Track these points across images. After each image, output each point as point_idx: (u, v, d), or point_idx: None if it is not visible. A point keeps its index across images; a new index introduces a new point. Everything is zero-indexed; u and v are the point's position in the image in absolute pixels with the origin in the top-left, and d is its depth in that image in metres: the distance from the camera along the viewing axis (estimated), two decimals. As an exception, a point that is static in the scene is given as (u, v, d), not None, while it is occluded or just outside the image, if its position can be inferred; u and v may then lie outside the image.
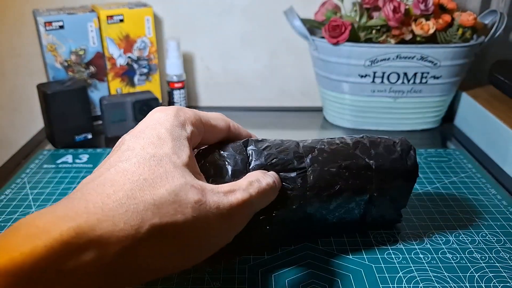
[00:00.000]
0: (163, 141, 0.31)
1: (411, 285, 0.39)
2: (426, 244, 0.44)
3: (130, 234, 0.26)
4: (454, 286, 0.39)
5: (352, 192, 0.41)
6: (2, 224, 0.47)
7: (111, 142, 0.67)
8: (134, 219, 0.26)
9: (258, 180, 0.34)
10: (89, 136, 0.67)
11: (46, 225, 0.24)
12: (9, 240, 0.23)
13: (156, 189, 0.28)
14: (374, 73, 0.67)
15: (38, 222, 0.24)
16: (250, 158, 0.38)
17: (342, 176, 0.40)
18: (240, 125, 0.40)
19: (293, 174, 0.38)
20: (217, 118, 0.37)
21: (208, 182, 0.33)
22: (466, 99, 0.72)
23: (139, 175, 0.28)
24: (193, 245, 0.29)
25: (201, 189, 0.30)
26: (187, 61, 0.82)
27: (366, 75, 0.67)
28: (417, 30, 0.65)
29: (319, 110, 0.80)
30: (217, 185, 0.31)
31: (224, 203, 0.30)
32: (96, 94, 0.74)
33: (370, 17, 0.68)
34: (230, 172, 0.36)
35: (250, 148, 0.39)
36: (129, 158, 0.29)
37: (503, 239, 0.45)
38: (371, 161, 0.41)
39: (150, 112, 0.34)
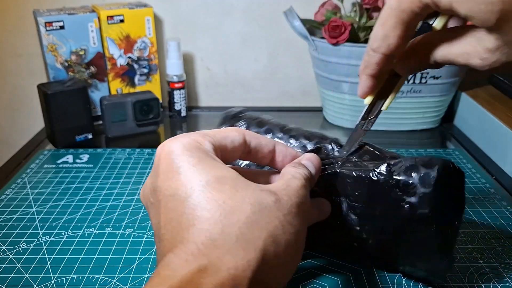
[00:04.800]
0: (202, 164, 0.28)
1: (411, 285, 0.39)
2: (426, 244, 0.44)
3: (252, 257, 0.25)
4: (454, 286, 0.39)
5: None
6: (3, 224, 0.47)
7: (111, 142, 0.67)
8: (249, 241, 0.25)
9: (295, 171, 0.33)
10: (90, 136, 0.67)
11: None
12: None
13: (241, 206, 0.26)
14: (374, 73, 0.67)
15: None
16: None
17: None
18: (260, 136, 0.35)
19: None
20: (227, 129, 0.34)
21: None
22: (465, 99, 0.72)
23: (215, 201, 0.26)
24: (297, 241, 0.28)
25: (268, 189, 0.29)
26: (187, 62, 0.82)
27: (366, 75, 0.67)
28: (417, 30, 0.65)
29: (319, 110, 0.80)
30: (273, 184, 0.30)
31: (290, 191, 0.29)
32: (96, 94, 0.74)
33: (370, 18, 0.68)
34: None
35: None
36: (188, 194, 0.27)
37: (503, 239, 0.45)
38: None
39: (158, 151, 0.30)
